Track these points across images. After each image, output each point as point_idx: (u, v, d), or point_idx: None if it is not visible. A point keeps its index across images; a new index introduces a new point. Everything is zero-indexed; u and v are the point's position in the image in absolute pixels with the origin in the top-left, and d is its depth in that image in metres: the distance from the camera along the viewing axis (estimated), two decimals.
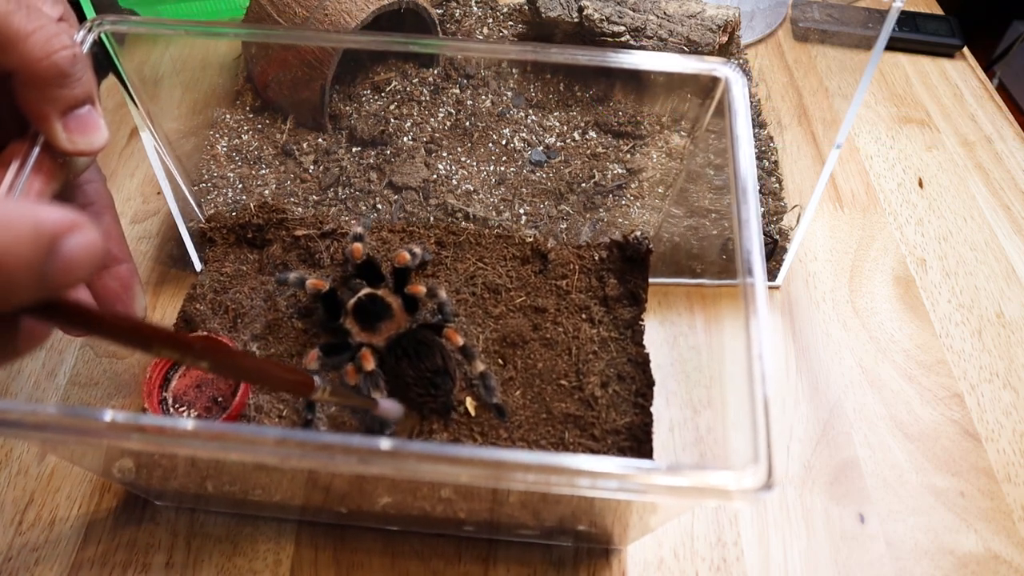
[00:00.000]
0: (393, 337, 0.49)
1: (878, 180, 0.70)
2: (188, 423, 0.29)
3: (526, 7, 0.68)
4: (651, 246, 0.54)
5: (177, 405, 0.48)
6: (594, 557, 0.46)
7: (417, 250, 0.52)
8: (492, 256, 0.55)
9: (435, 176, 0.61)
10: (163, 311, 0.57)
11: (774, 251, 0.59)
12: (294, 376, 0.32)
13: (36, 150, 0.34)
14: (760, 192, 0.61)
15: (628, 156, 0.61)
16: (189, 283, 0.54)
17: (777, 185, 0.61)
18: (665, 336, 0.57)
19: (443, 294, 0.50)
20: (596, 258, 0.55)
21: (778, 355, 0.57)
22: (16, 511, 0.47)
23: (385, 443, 0.29)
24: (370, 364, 0.46)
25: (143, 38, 0.48)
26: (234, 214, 0.57)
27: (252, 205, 0.56)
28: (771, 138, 0.64)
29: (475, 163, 0.61)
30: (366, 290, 0.51)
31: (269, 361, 0.48)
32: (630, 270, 0.54)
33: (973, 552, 0.47)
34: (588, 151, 0.62)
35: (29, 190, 0.34)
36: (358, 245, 0.51)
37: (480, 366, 0.47)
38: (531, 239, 0.56)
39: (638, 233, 0.54)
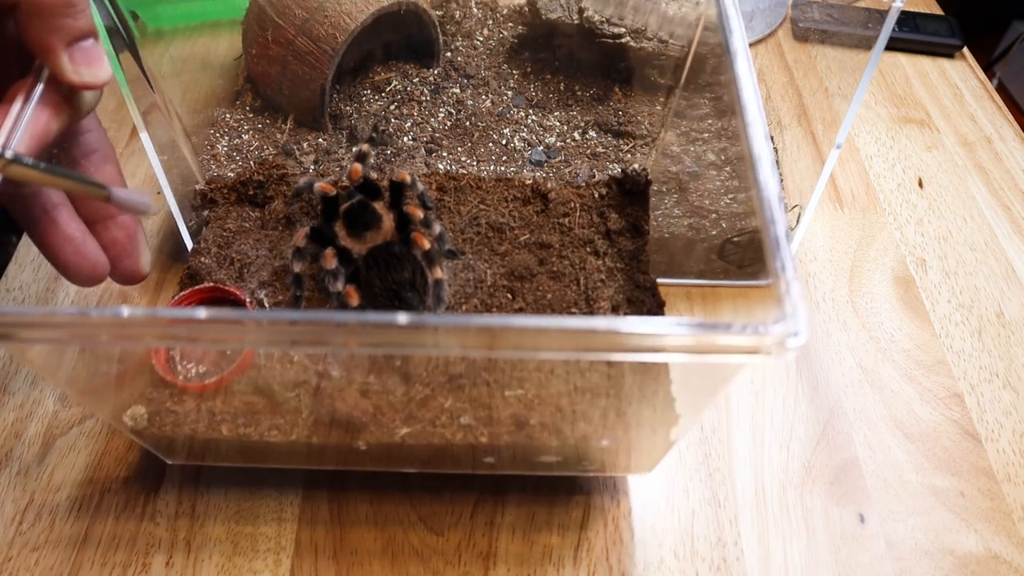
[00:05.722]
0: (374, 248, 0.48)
1: (878, 180, 0.70)
2: (202, 311, 0.29)
3: (526, 9, 0.68)
4: (649, 178, 0.54)
5: (185, 362, 0.48)
6: (594, 559, 0.46)
7: (420, 186, 0.51)
8: (493, 198, 0.56)
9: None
10: (164, 307, 0.57)
11: None
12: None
13: (40, 86, 0.34)
14: None
15: (628, 156, 0.61)
16: None
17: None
18: None
19: (438, 227, 0.49)
20: (596, 195, 0.55)
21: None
22: (16, 511, 0.47)
23: (402, 317, 0.29)
24: (331, 264, 0.46)
25: (145, 39, 0.48)
26: (239, 169, 0.56)
27: (252, 163, 0.56)
28: (771, 138, 0.64)
29: (475, 163, 0.61)
30: (359, 197, 0.50)
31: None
32: (630, 203, 0.55)
33: (973, 552, 0.47)
34: (588, 151, 0.62)
35: (36, 122, 0.34)
36: (357, 165, 0.50)
37: (439, 273, 0.46)
38: (530, 181, 0.56)
39: (636, 166, 0.54)
